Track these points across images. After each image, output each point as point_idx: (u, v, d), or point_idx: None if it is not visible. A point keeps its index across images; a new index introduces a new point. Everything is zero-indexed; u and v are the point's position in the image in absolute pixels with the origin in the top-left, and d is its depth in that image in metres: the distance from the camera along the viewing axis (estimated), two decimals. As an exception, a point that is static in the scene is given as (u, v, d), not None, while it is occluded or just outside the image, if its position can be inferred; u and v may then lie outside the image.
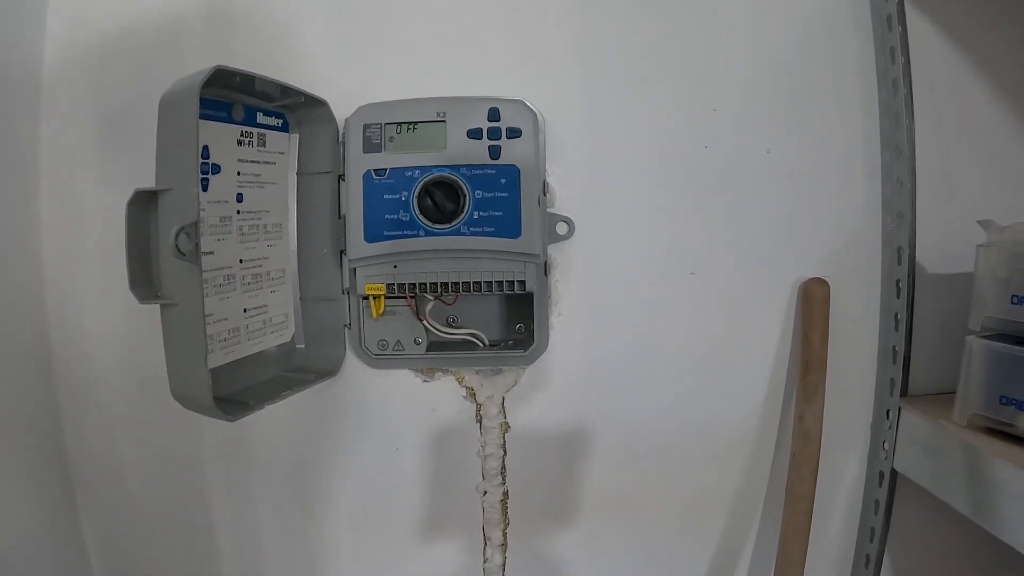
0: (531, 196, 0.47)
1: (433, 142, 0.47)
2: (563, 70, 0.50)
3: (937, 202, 0.52)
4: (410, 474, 0.53)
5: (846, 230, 0.52)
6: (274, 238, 0.49)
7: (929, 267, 0.52)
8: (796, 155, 0.51)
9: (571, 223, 0.50)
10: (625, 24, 0.50)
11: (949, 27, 0.52)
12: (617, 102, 0.50)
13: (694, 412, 0.53)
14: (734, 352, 0.53)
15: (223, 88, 0.43)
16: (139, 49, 0.50)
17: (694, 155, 0.51)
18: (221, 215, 0.44)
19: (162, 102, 0.38)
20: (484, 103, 0.47)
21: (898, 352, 0.51)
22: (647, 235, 0.51)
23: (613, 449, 0.53)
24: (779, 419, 0.53)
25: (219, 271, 0.44)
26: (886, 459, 0.52)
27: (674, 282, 0.52)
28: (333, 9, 0.50)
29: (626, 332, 0.52)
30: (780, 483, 0.53)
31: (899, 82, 0.50)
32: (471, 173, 0.46)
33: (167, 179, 0.38)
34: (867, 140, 0.52)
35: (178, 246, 0.36)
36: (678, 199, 0.51)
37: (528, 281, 0.47)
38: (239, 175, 0.45)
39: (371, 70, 0.50)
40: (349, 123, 0.48)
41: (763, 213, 0.52)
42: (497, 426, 0.52)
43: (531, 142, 0.47)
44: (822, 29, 0.51)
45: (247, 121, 0.46)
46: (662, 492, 0.54)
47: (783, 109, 0.51)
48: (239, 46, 0.50)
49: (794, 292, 0.52)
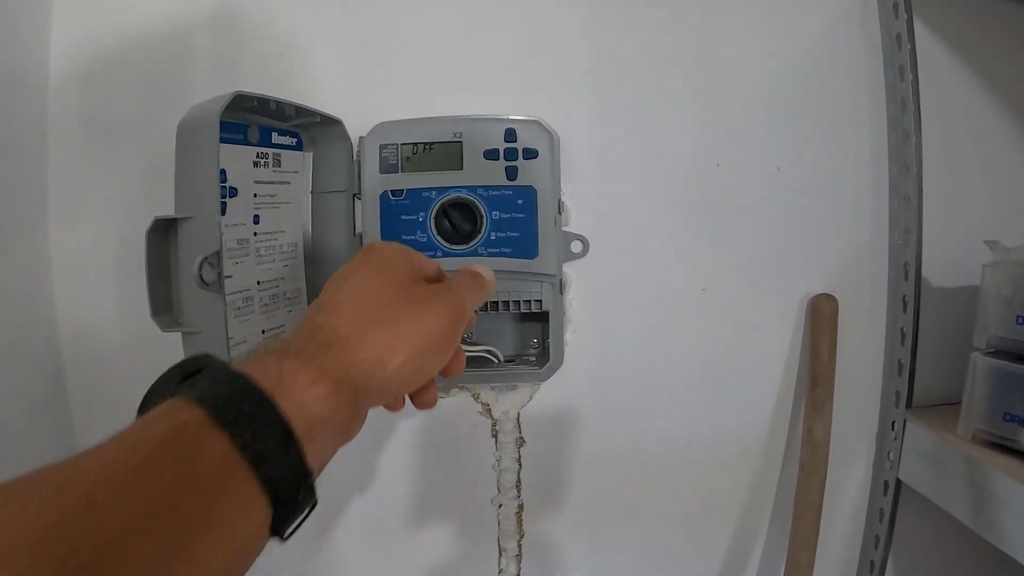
0: (548, 216, 0.47)
1: (450, 162, 0.47)
2: (576, 89, 0.50)
3: (943, 219, 0.52)
4: (425, 487, 0.54)
5: (854, 246, 0.53)
6: (290, 258, 0.49)
7: (934, 281, 0.54)
8: (806, 172, 0.52)
9: (585, 241, 0.50)
10: (637, 43, 0.50)
11: (958, 45, 0.52)
12: (630, 121, 0.51)
13: (704, 423, 0.54)
14: (744, 366, 0.54)
15: (239, 111, 0.43)
16: (146, 65, 0.49)
17: (705, 173, 0.51)
18: (239, 238, 0.44)
19: (180, 128, 0.38)
20: (500, 123, 0.47)
21: (904, 365, 0.52)
22: (659, 252, 0.52)
23: (624, 459, 0.54)
24: (787, 430, 0.55)
25: (238, 294, 0.44)
26: (891, 469, 0.54)
27: (685, 298, 0.52)
28: (345, 25, 0.49)
29: (638, 348, 0.53)
30: (787, 493, 0.55)
31: (907, 99, 0.50)
32: (488, 194, 0.47)
33: (187, 207, 0.37)
34: (875, 157, 0.53)
35: (202, 276, 0.36)
36: (689, 216, 0.52)
37: (544, 300, 0.48)
38: (255, 197, 0.45)
39: (384, 88, 0.50)
40: (365, 143, 0.48)
41: (773, 230, 0.52)
42: (512, 441, 0.52)
43: (547, 162, 0.47)
44: (832, 47, 0.52)
45: (262, 142, 0.46)
46: (672, 502, 0.55)
47: (793, 126, 0.52)
48: (249, 63, 0.49)
49: (803, 307, 0.53)
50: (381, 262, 0.29)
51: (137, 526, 0.17)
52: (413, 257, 0.31)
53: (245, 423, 0.20)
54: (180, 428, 0.20)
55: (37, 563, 0.15)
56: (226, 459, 0.20)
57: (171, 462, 0.19)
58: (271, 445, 0.21)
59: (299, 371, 0.23)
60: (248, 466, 0.20)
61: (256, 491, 0.20)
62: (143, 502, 0.18)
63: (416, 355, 0.27)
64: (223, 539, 0.19)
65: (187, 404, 0.20)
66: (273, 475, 0.20)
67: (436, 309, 0.28)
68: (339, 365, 0.24)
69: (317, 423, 0.23)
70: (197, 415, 0.20)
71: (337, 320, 0.26)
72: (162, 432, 0.20)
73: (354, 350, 0.25)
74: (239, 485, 0.20)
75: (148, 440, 0.19)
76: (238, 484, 0.20)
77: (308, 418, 0.22)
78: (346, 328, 0.26)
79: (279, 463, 0.21)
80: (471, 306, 0.31)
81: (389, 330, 0.26)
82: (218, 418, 0.20)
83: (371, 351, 0.25)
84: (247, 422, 0.20)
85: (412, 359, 0.26)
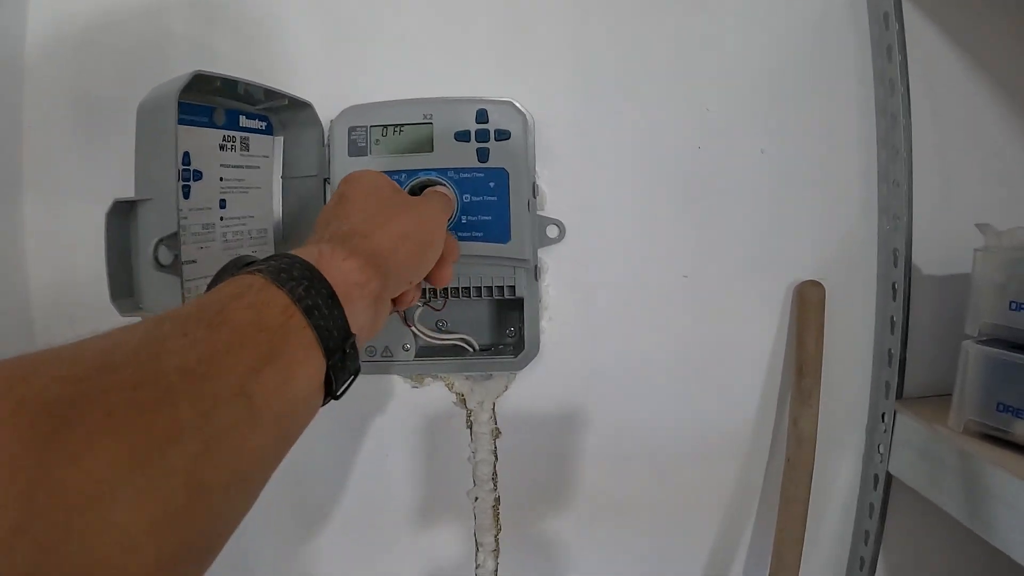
0: (521, 200, 0.46)
1: (420, 145, 0.46)
2: (552, 69, 0.49)
3: (934, 203, 0.51)
4: (400, 480, 0.53)
5: (841, 232, 0.51)
6: (259, 244, 0.48)
7: (925, 269, 0.52)
8: (791, 155, 0.50)
9: (562, 226, 0.49)
10: (616, 22, 0.49)
11: (947, 25, 0.50)
12: (608, 101, 0.49)
13: (687, 415, 0.53)
14: (728, 355, 0.52)
15: (204, 92, 0.42)
16: (120, 48, 0.48)
17: (687, 156, 0.50)
18: (204, 222, 0.43)
19: (140, 109, 0.37)
20: (472, 104, 0.46)
21: (894, 355, 0.51)
22: (639, 237, 0.51)
23: (605, 452, 0.53)
24: (773, 422, 0.53)
25: (203, 279, 0.43)
26: (881, 462, 0.52)
27: (666, 285, 0.51)
28: (318, 8, 0.49)
29: (618, 335, 0.51)
30: (773, 486, 0.53)
31: (896, 81, 0.49)
32: (459, 176, 0.46)
33: (146, 189, 0.37)
34: (863, 140, 0.51)
35: (158, 258, 0.35)
36: (671, 201, 0.50)
37: (518, 286, 0.47)
38: (222, 180, 0.44)
39: (356, 70, 0.49)
40: (334, 125, 0.47)
41: (757, 214, 0.51)
42: (488, 432, 0.51)
43: (520, 144, 0.46)
44: (817, 26, 0.50)
45: (229, 125, 0.45)
46: (655, 495, 0.54)
47: (777, 108, 0.50)
48: (221, 46, 0.49)
49: (789, 294, 0.51)
50: (372, 180, 0.36)
51: (215, 352, 0.21)
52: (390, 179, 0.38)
53: (298, 282, 0.25)
54: (247, 286, 0.25)
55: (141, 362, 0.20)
56: (286, 308, 0.24)
57: (243, 309, 0.23)
58: (320, 301, 0.25)
59: (335, 250, 0.28)
60: (303, 314, 0.25)
61: (311, 339, 0.25)
62: (222, 333, 0.22)
63: (419, 244, 0.34)
64: (283, 383, 0.23)
65: (249, 274, 0.25)
66: (323, 324, 0.25)
67: (423, 210, 0.36)
68: (364, 248, 0.30)
69: (354, 288, 0.28)
70: (259, 279, 0.25)
71: (354, 220, 0.32)
72: (232, 290, 0.24)
73: (373, 240, 0.31)
74: (297, 331, 0.24)
75: (223, 294, 0.24)
76: (296, 330, 0.24)
77: (346, 283, 0.27)
78: (363, 226, 0.31)
79: (327, 316, 0.25)
80: (446, 208, 0.40)
81: (395, 224, 0.33)
82: (276, 279, 0.25)
83: (385, 240, 0.31)
84: (299, 282, 0.25)
85: (417, 248, 0.34)
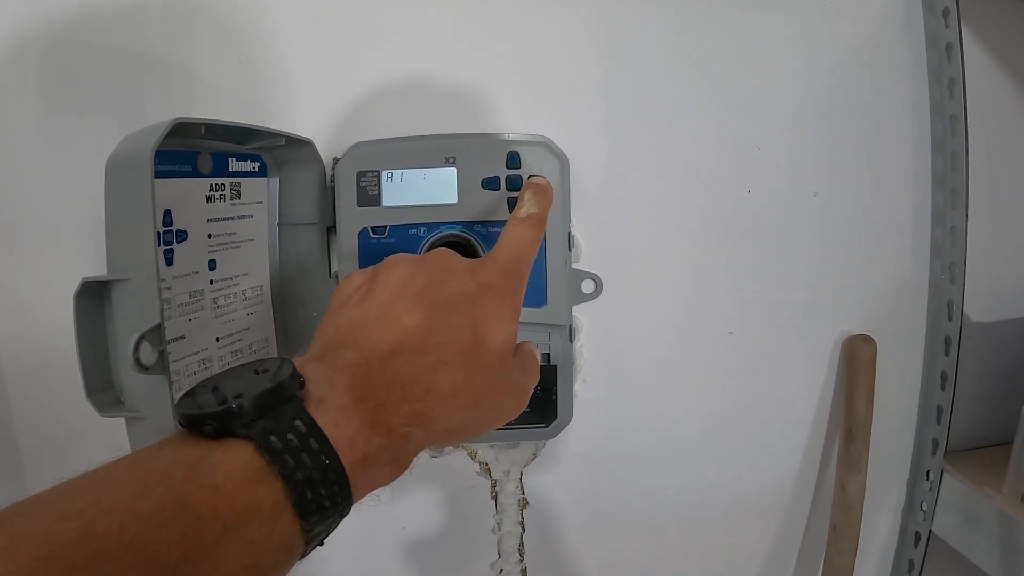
0: (557, 257, 0.40)
1: (442, 193, 0.40)
2: (587, 105, 0.43)
3: (986, 247, 0.48)
4: (419, 554, 0.48)
5: (892, 281, 0.48)
6: (254, 304, 0.42)
7: (973, 316, 0.49)
8: (844, 197, 0.46)
9: (598, 280, 0.44)
10: (656, 55, 0.43)
11: (1004, 56, 0.47)
12: (648, 141, 0.44)
13: (724, 479, 0.49)
14: (769, 414, 0.48)
15: (185, 137, 0.35)
16: (99, 36, 0.40)
17: (734, 200, 0.45)
18: (191, 290, 0.36)
19: (108, 168, 0.30)
20: (501, 145, 0.40)
21: (943, 411, 0.48)
22: (680, 290, 0.46)
23: (638, 520, 0.49)
24: (815, 484, 0.50)
25: (192, 357, 0.37)
26: (924, 520, 0.49)
27: (708, 340, 0.47)
28: (317, 26, 0.41)
29: (654, 397, 0.47)
30: (812, 550, 0.50)
31: (958, 118, 0.45)
32: (487, 231, 0.40)
33: (121, 265, 0.30)
34: (918, 182, 0.47)
35: (139, 360, 0.29)
36: (715, 249, 0.46)
37: (553, 354, 0.42)
38: (210, 238, 0.38)
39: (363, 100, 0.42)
40: (339, 169, 0.40)
41: (807, 263, 0.47)
42: (515, 503, 0.47)
43: (556, 193, 0.40)
44: (872, 58, 0.45)
45: (217, 171, 0.38)
46: (689, 564, 0.50)
47: (831, 145, 0.46)
48: (204, 72, 0.41)
49: (836, 348, 0.48)
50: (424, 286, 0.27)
51: None
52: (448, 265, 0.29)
53: (321, 515, 0.20)
54: (257, 508, 0.19)
55: None
56: (294, 542, 0.20)
57: (241, 552, 0.18)
58: (334, 525, 0.22)
59: (383, 449, 0.23)
60: (304, 545, 0.21)
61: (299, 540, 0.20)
62: None
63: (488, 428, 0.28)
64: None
65: (267, 475, 0.19)
66: (322, 532, 0.22)
67: (513, 396, 0.29)
68: (417, 445, 0.25)
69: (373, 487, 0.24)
70: (277, 496, 0.19)
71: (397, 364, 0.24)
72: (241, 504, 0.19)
73: (435, 427, 0.25)
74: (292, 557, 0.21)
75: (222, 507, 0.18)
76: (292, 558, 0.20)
77: (367, 487, 0.23)
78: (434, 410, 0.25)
79: (331, 526, 0.22)
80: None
81: (470, 415, 0.26)
82: (298, 505, 0.20)
83: (448, 425, 0.25)
84: (323, 513, 0.20)
85: (483, 430, 0.28)
